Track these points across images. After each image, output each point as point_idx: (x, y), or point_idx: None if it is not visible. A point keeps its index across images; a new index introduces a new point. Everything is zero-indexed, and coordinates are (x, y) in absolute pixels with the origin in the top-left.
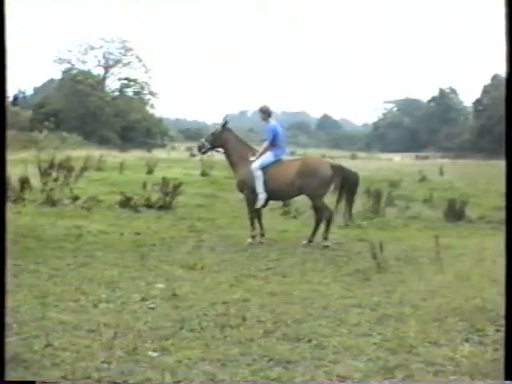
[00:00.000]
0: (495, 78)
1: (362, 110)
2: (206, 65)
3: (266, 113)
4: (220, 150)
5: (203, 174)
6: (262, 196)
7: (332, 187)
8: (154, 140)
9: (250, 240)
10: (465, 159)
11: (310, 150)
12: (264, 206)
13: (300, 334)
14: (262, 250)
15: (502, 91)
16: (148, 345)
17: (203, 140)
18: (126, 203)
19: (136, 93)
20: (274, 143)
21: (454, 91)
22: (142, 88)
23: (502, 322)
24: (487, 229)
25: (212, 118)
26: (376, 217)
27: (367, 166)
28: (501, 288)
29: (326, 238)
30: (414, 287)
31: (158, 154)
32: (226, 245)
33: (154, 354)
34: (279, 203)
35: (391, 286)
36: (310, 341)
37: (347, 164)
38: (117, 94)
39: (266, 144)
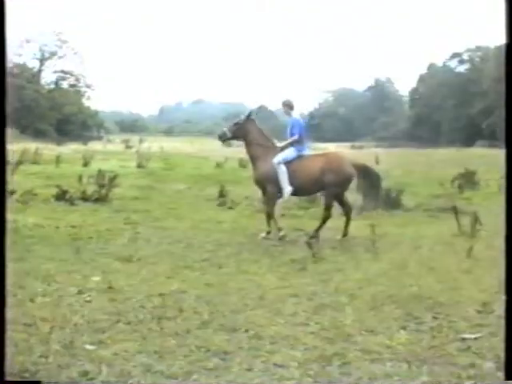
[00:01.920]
0: (431, 66)
1: (297, 100)
2: (141, 56)
3: (288, 106)
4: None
5: (139, 166)
6: (288, 190)
7: (354, 185)
8: (90, 132)
9: (263, 235)
10: (401, 148)
11: None
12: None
13: (237, 324)
14: (199, 242)
15: (438, 80)
16: (85, 338)
17: (225, 129)
18: (61, 196)
19: (72, 85)
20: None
21: (389, 80)
22: (78, 80)
23: (439, 309)
24: (424, 217)
25: (148, 109)
26: (312, 206)
27: None
28: (438, 275)
29: (345, 235)
30: (351, 276)
31: (94, 146)
32: (162, 236)
33: (91, 348)
34: (214, 193)
35: (327, 275)
36: (246, 331)
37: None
38: (52, 86)
39: (294, 137)
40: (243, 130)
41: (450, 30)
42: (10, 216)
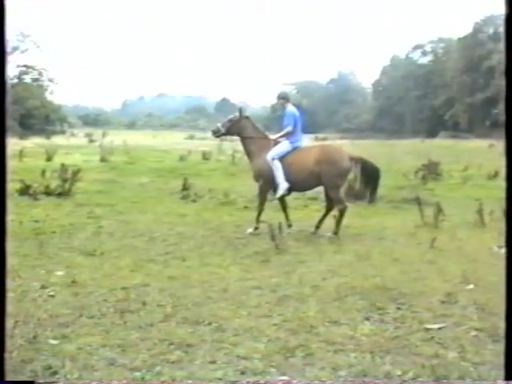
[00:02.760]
0: (394, 58)
1: (260, 92)
2: (104, 51)
3: (284, 98)
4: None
5: (102, 160)
6: (283, 185)
7: (351, 178)
8: (54, 127)
9: (250, 230)
10: (364, 139)
11: (209, 133)
12: (287, 195)
13: (200, 317)
14: (162, 235)
15: (401, 72)
16: (48, 332)
17: (219, 125)
18: (25, 191)
19: (34, 79)
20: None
21: (352, 72)
22: (41, 74)
23: (403, 300)
24: (388, 208)
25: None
26: (274, 199)
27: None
28: (401, 266)
29: (336, 233)
30: (314, 267)
31: (58, 140)
32: (125, 230)
33: (55, 342)
34: (177, 186)
35: (291, 267)
36: (210, 324)
37: None
38: (15, 81)
39: (287, 129)
40: (237, 126)
41: (413, 21)
42: None
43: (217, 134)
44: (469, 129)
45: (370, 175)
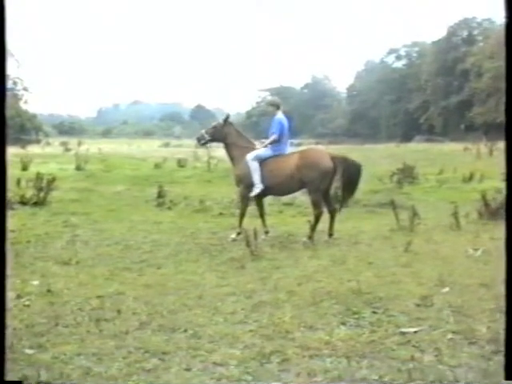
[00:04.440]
0: (368, 63)
1: (235, 98)
2: (78, 59)
3: (274, 105)
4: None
5: (78, 169)
6: (258, 186)
7: (336, 179)
8: (29, 136)
9: (233, 236)
10: (339, 144)
11: (185, 140)
12: (262, 197)
13: (175, 324)
14: (137, 243)
15: (375, 76)
16: (24, 342)
17: (203, 132)
18: None
19: (9, 89)
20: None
21: (326, 77)
22: (15, 83)
23: (378, 304)
24: (363, 212)
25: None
26: (251, 205)
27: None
28: (377, 270)
29: (310, 238)
30: (289, 273)
31: (33, 149)
32: (100, 238)
33: (30, 351)
34: (153, 194)
35: (266, 273)
36: (185, 331)
37: (222, 153)
38: None
39: (273, 137)
40: (222, 132)
41: (387, 26)
42: None
43: (202, 141)
44: (444, 132)
45: (352, 172)
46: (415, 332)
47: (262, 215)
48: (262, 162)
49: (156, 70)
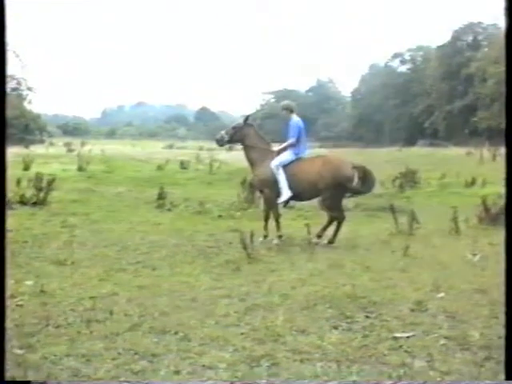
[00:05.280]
0: (373, 67)
1: (240, 101)
2: (84, 60)
3: (288, 109)
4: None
5: (80, 169)
6: (286, 192)
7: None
8: (33, 136)
9: (261, 239)
10: (343, 148)
11: (189, 142)
12: (285, 204)
13: (167, 326)
14: (134, 244)
15: (380, 80)
16: (14, 342)
17: (223, 132)
18: None
19: (13, 89)
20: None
21: (331, 81)
22: (19, 84)
23: (372, 308)
24: (362, 217)
25: (90, 112)
26: (250, 207)
27: (244, 157)
28: (373, 274)
29: (331, 242)
30: (285, 276)
31: (37, 149)
32: (98, 239)
33: (20, 352)
34: (154, 195)
35: (261, 276)
36: (176, 333)
37: (224, 156)
38: None
39: (291, 140)
40: (241, 134)
41: (392, 30)
42: None
43: (220, 142)
44: (447, 137)
45: (368, 184)
46: (408, 337)
47: (277, 219)
48: (284, 166)
49: (161, 72)
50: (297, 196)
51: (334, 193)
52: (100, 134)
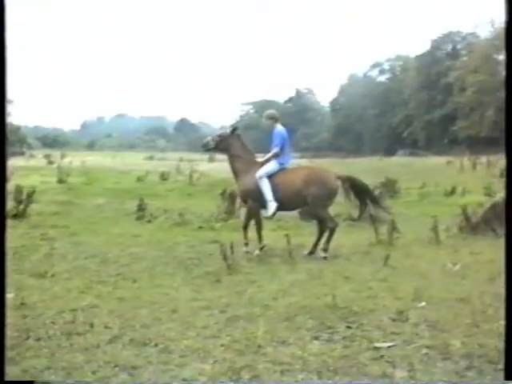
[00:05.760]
0: (352, 77)
1: (219, 112)
2: (63, 71)
3: (273, 118)
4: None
5: (60, 181)
6: (272, 204)
7: (342, 197)
8: (13, 148)
9: (244, 248)
10: (323, 158)
11: (169, 153)
12: (272, 216)
13: (147, 338)
14: (114, 256)
15: (359, 90)
16: None
17: (209, 139)
18: None
19: None
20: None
21: (310, 91)
22: None
23: (353, 318)
24: (343, 226)
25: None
26: (230, 218)
27: (224, 168)
28: (353, 285)
29: (325, 250)
30: (265, 287)
31: (17, 162)
32: (78, 251)
33: None
34: (133, 207)
35: (242, 287)
36: (156, 345)
37: (204, 167)
38: None
39: (275, 150)
40: (226, 143)
41: (371, 39)
42: None
43: (206, 147)
44: (427, 146)
45: (360, 191)
46: (389, 347)
47: (259, 230)
48: (269, 176)
49: (140, 83)
50: (281, 206)
51: (326, 203)
52: (80, 146)
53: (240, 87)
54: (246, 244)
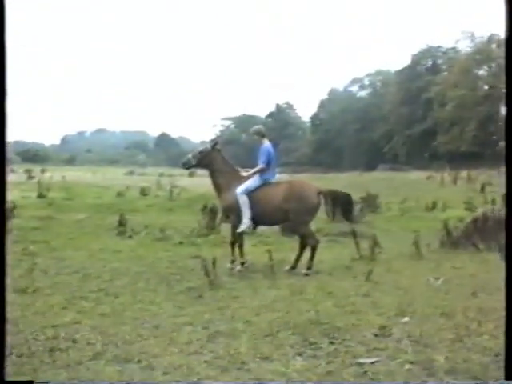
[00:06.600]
0: (332, 92)
1: (199, 127)
2: (43, 86)
3: (259, 134)
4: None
5: (40, 196)
6: (246, 221)
7: (324, 211)
8: None
9: (229, 265)
10: (303, 173)
11: (149, 168)
12: (253, 230)
13: (130, 354)
14: (96, 272)
15: (339, 105)
16: None
17: (190, 156)
18: None
19: None
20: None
21: (291, 106)
22: None
23: (336, 334)
24: (324, 242)
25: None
26: (211, 233)
27: (205, 182)
28: (336, 300)
29: (309, 268)
30: (248, 303)
31: None
32: (59, 267)
33: None
34: (114, 222)
35: (224, 303)
36: (139, 361)
37: (185, 182)
38: None
39: (261, 166)
40: (208, 158)
41: (351, 54)
42: None
43: (187, 165)
44: (408, 161)
45: (343, 202)
46: (372, 363)
47: (240, 245)
48: (251, 192)
49: (121, 98)
50: (262, 221)
51: (306, 219)
52: (60, 161)
53: (220, 102)
54: (233, 261)
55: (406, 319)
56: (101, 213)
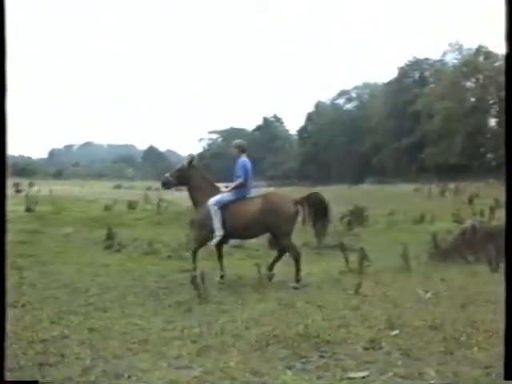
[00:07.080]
0: (319, 105)
1: (187, 140)
2: (30, 98)
3: (240, 148)
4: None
5: (28, 210)
6: (218, 233)
7: (300, 219)
8: None
9: (217, 279)
10: (290, 186)
11: (137, 182)
12: (224, 243)
13: (119, 369)
14: (84, 286)
15: (326, 118)
16: None
17: (168, 175)
18: None
19: None
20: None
21: (278, 119)
22: None
23: (326, 347)
24: (312, 255)
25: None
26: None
27: None
28: (325, 313)
29: (298, 281)
30: (237, 316)
31: None
32: (48, 281)
33: None
34: (102, 236)
35: (213, 317)
36: (129, 377)
37: (172, 196)
38: None
39: (239, 180)
40: (186, 176)
41: (338, 67)
42: None
43: (167, 185)
44: (395, 173)
45: (317, 202)
46: (363, 377)
47: (220, 258)
48: (225, 205)
49: (108, 112)
50: (237, 234)
51: (286, 230)
52: (48, 175)
53: (208, 115)
54: (222, 276)
55: (396, 332)
56: (88, 227)
